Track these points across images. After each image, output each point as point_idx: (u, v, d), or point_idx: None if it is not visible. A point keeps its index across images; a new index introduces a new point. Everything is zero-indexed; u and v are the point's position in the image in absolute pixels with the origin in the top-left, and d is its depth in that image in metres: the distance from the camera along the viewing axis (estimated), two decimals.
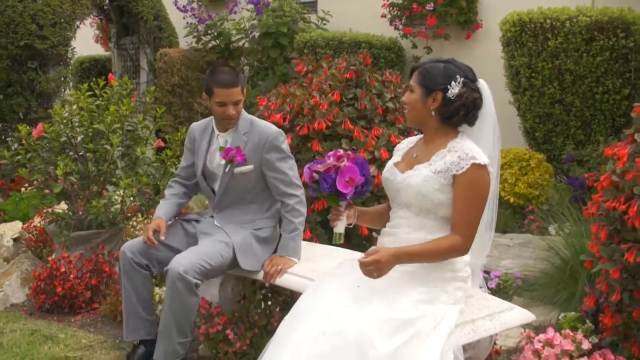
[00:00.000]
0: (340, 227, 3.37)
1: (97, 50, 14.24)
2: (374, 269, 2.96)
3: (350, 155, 3.38)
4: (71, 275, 5.31)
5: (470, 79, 3.24)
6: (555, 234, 6.33)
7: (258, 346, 3.99)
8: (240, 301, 4.66)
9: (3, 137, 10.14)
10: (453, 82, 3.17)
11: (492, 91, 3.37)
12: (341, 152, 3.38)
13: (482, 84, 3.32)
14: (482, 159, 3.15)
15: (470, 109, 3.22)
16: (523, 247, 6.80)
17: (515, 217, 8.02)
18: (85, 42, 12.20)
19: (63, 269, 5.30)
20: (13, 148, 9.96)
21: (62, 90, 10.37)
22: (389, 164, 3.45)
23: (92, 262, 5.45)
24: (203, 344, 4.49)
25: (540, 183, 7.94)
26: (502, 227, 7.90)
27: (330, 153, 3.34)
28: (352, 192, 3.30)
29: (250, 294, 4.64)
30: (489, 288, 4.37)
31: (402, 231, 3.25)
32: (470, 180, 3.11)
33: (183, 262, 3.99)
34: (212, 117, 4.44)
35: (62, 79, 10.31)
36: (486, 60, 9.00)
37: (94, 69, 13.63)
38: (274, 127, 4.46)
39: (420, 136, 3.45)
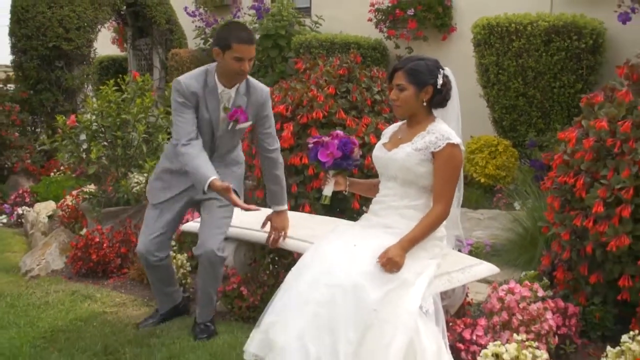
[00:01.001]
0: (326, 190, 3.62)
1: (114, 50, 14.23)
2: (392, 266, 3.13)
3: (339, 135, 3.65)
4: (104, 245, 5.49)
5: (442, 68, 3.48)
6: (520, 208, 6.52)
7: (267, 302, 4.17)
8: (251, 264, 4.79)
9: (33, 128, 10.23)
10: (438, 75, 3.39)
11: (466, 86, 3.60)
12: (337, 132, 3.65)
13: (449, 71, 3.52)
14: (456, 139, 3.35)
15: (448, 92, 3.46)
16: (492, 220, 6.96)
17: (485, 195, 8.16)
18: (103, 43, 12.23)
19: (97, 240, 5.49)
20: (42, 138, 10.14)
21: (85, 86, 10.46)
22: (378, 144, 3.65)
23: (121, 233, 5.65)
24: (220, 301, 4.61)
25: (507, 165, 8.10)
26: (475, 204, 8.08)
27: (332, 132, 3.63)
28: (331, 163, 3.58)
29: (259, 258, 4.81)
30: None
31: (389, 199, 3.46)
32: (446, 157, 3.32)
33: (212, 242, 4.00)
34: (203, 71, 4.01)
35: (85, 76, 10.39)
36: (460, 59, 9.07)
37: (112, 68, 13.70)
38: (264, 86, 4.25)
39: (403, 122, 3.64)
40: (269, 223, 4.32)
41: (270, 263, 4.77)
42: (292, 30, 10.74)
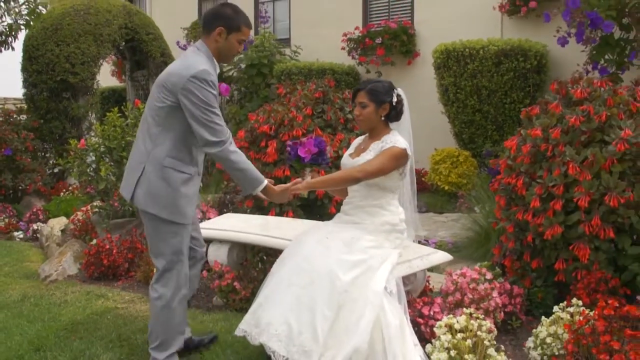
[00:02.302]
0: None
1: (114, 82, 14.38)
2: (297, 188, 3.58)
3: (313, 137, 3.96)
4: (114, 251, 5.71)
5: (396, 89, 3.76)
6: (479, 211, 6.80)
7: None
8: (242, 263, 5.04)
9: (44, 154, 10.29)
10: (393, 94, 3.70)
11: (429, 104, 3.74)
12: (311, 135, 3.97)
13: (401, 91, 3.81)
14: (402, 145, 3.61)
15: (403, 108, 3.77)
16: (455, 222, 7.23)
17: (450, 200, 8.40)
18: (103, 75, 12.26)
19: (107, 247, 5.72)
20: (51, 162, 10.34)
21: (90, 114, 10.55)
22: (345, 154, 3.94)
23: (128, 241, 5.87)
24: (216, 296, 4.90)
25: (467, 174, 8.37)
26: (440, 209, 8.38)
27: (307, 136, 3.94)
28: (309, 158, 3.88)
29: (250, 257, 5.07)
30: None
31: (356, 200, 3.72)
32: (387, 150, 3.59)
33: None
34: (207, 55, 3.45)
35: (90, 105, 10.46)
36: (424, 80, 9.51)
37: (112, 97, 13.85)
38: None
39: (366, 135, 3.92)
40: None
41: (260, 261, 4.99)
42: (274, 60, 10.92)
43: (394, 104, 3.70)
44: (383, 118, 3.72)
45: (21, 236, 8.10)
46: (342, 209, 3.87)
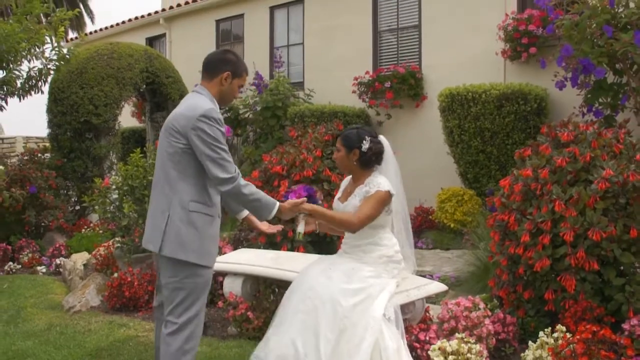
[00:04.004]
0: (299, 228, 3.85)
1: (134, 122, 14.80)
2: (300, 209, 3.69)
3: (306, 186, 4.31)
4: (135, 283, 6.07)
5: (373, 137, 3.96)
6: (482, 248, 7.11)
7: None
8: (256, 294, 5.34)
9: (66, 191, 10.57)
10: (364, 141, 3.92)
11: (435, 145, 3.85)
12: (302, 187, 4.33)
13: (382, 138, 4.03)
14: (385, 187, 3.84)
15: (378, 155, 3.96)
16: (459, 258, 7.45)
17: (455, 238, 8.59)
18: (123, 116, 12.49)
19: (129, 279, 6.07)
20: (73, 200, 10.72)
21: (111, 154, 10.90)
22: (336, 198, 4.20)
23: (148, 274, 6.22)
24: (231, 325, 5.23)
25: (472, 212, 8.60)
26: (446, 245, 8.65)
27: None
28: None
29: (263, 289, 5.35)
30: None
31: (352, 240, 3.97)
32: (371, 195, 3.82)
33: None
34: (209, 98, 3.58)
35: (111, 145, 10.82)
36: (431, 122, 9.78)
37: (132, 137, 14.26)
38: None
39: (349, 177, 4.16)
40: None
41: (272, 293, 5.30)
42: (287, 102, 11.22)
43: (363, 150, 3.89)
44: (355, 163, 3.94)
45: (44, 270, 8.45)
46: (342, 247, 4.13)
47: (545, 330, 3.96)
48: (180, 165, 3.46)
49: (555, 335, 3.84)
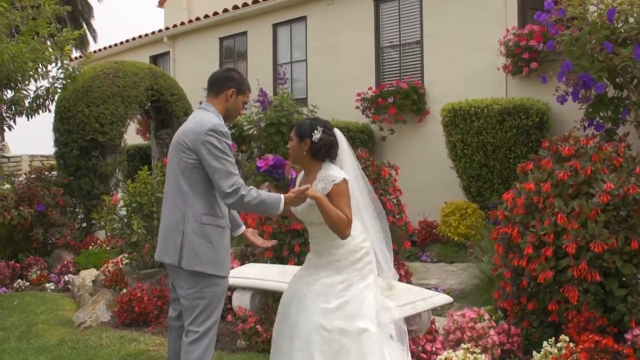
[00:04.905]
0: None
1: (138, 140, 14.95)
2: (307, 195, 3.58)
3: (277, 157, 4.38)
4: (145, 299, 6.16)
5: (328, 128, 3.82)
6: (486, 261, 7.21)
7: None
8: (264, 308, 5.47)
9: (72, 209, 10.65)
10: (315, 131, 3.75)
11: (439, 159, 3.76)
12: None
13: (337, 131, 3.89)
14: (340, 177, 3.69)
15: (329, 147, 3.80)
16: (463, 271, 7.54)
17: (459, 251, 8.72)
18: (128, 134, 12.54)
19: (139, 295, 6.17)
20: (80, 217, 10.82)
21: (117, 171, 10.99)
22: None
23: (157, 290, 6.32)
24: (240, 338, 5.32)
25: (475, 225, 8.73)
26: (450, 259, 8.77)
27: None
28: (264, 168, 4.36)
29: (271, 303, 5.48)
30: None
31: (318, 239, 3.82)
32: (335, 192, 3.66)
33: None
34: (215, 114, 3.74)
35: (117, 163, 10.93)
36: (434, 137, 9.93)
37: (137, 155, 14.38)
38: None
39: (303, 172, 4.00)
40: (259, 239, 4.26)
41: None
42: (292, 118, 11.29)
43: (314, 139, 3.77)
44: (305, 153, 3.81)
45: (53, 287, 8.55)
46: (311, 248, 3.97)
47: (549, 340, 4.06)
48: (191, 180, 3.59)
49: (559, 345, 3.95)
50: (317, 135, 3.76)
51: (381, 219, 3.95)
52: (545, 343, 4.05)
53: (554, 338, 4.12)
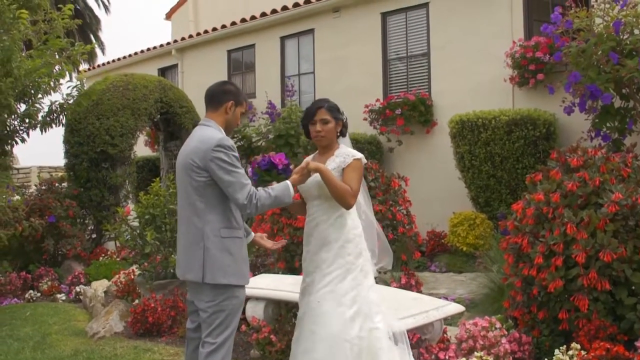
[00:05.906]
0: None
1: (147, 151, 15.05)
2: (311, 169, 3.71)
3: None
4: (158, 309, 6.23)
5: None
6: (495, 270, 7.27)
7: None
8: (278, 318, 5.51)
9: (83, 220, 10.74)
10: (344, 113, 4.04)
11: (446, 170, 3.76)
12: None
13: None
14: (358, 155, 3.87)
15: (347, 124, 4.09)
16: (473, 280, 7.60)
17: (468, 261, 8.75)
18: (137, 145, 12.64)
19: (152, 305, 6.25)
20: (90, 228, 10.91)
21: (127, 183, 11.08)
22: None
23: (170, 300, 6.39)
24: (254, 348, 5.36)
25: (484, 235, 8.78)
26: (459, 269, 8.81)
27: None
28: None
29: (284, 313, 5.55)
30: None
31: (318, 216, 3.88)
32: (352, 166, 3.80)
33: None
34: (215, 127, 3.80)
35: (127, 175, 11.02)
36: (442, 148, 10.02)
37: (146, 166, 14.48)
38: None
39: (315, 153, 4.13)
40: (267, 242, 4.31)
41: (293, 316, 5.39)
42: (300, 130, 11.11)
43: (345, 120, 4.03)
44: (337, 134, 4.00)
45: (64, 298, 8.63)
46: (304, 240, 4.04)
47: (561, 348, 4.13)
48: (205, 197, 3.65)
49: (570, 353, 4.01)
50: (344, 116, 4.00)
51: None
52: (557, 351, 4.11)
53: (565, 346, 4.18)
